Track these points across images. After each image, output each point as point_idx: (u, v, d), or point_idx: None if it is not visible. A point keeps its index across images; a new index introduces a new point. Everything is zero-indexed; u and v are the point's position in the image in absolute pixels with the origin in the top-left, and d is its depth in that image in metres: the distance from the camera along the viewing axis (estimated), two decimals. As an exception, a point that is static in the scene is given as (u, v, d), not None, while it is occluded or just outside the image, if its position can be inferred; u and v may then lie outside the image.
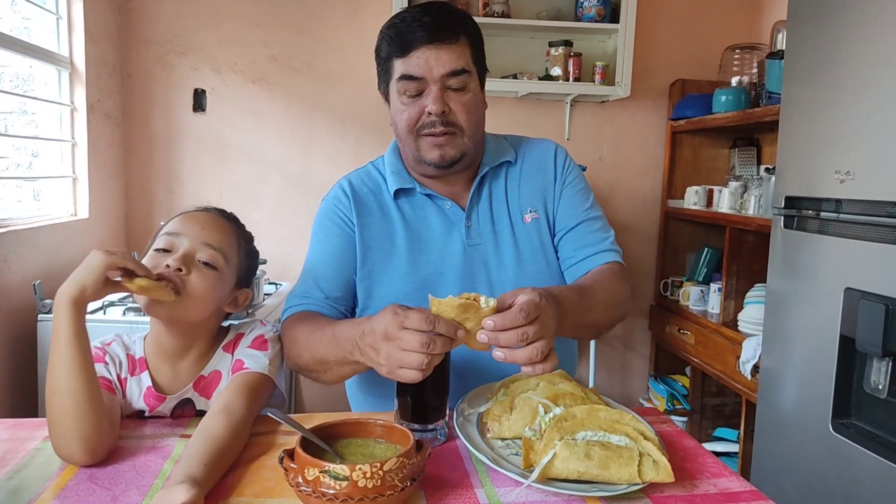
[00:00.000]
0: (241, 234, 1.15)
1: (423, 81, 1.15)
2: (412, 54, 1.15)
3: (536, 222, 1.29)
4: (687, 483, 0.88)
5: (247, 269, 1.16)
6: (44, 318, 1.97)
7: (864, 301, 1.47)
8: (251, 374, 1.05)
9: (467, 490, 0.85)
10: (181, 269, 1.01)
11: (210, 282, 1.04)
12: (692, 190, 2.78)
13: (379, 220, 1.27)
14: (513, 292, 0.91)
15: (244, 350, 1.11)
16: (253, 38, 2.77)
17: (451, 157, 1.19)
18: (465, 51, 1.18)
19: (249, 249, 1.17)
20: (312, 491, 0.75)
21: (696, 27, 3.02)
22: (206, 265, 1.04)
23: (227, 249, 1.08)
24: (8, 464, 0.89)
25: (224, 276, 1.07)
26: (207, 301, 1.05)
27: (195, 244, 1.05)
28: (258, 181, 2.85)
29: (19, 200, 2.38)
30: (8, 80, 2.30)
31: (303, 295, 1.23)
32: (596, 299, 1.12)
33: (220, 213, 1.15)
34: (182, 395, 1.09)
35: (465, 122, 1.18)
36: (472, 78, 1.19)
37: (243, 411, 0.97)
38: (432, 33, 1.14)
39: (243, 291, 1.14)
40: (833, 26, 1.61)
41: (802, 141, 1.71)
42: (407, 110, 1.18)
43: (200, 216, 1.10)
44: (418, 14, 1.16)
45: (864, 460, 1.48)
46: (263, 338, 1.13)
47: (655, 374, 3.09)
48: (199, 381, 1.10)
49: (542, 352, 0.87)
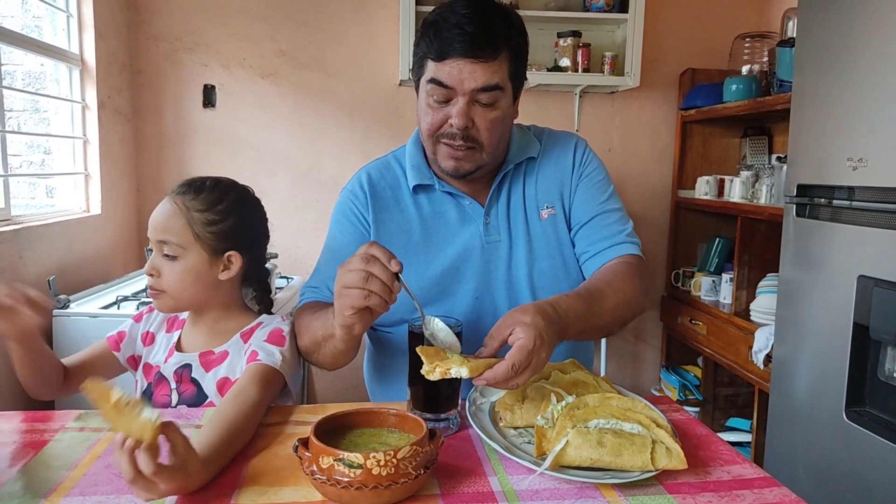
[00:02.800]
0: (190, 207, 1.15)
1: (451, 91, 1.12)
2: (446, 62, 1.10)
3: (553, 218, 1.27)
4: (700, 470, 0.88)
5: (219, 234, 1.15)
6: (58, 312, 1.98)
7: (878, 288, 1.46)
8: (265, 366, 1.07)
9: (480, 478, 0.85)
10: (152, 275, 1.13)
11: (175, 272, 1.13)
12: (703, 180, 2.76)
13: (395, 215, 1.26)
14: (511, 318, 0.92)
15: (260, 342, 1.13)
16: (261, 33, 2.78)
17: (465, 170, 1.18)
18: (503, 66, 1.12)
19: (213, 217, 1.15)
20: (327, 479, 0.76)
21: (705, 16, 2.99)
22: (168, 258, 1.13)
23: (177, 235, 1.13)
24: (27, 454, 0.90)
25: (187, 259, 1.13)
26: (185, 288, 1.14)
27: (156, 244, 1.15)
28: (268, 176, 2.86)
29: (33, 197, 2.40)
30: (20, 78, 2.32)
31: (313, 289, 1.25)
32: (606, 305, 1.09)
33: (177, 193, 1.16)
34: (186, 359, 1.17)
35: (486, 140, 1.15)
36: (504, 94, 1.14)
37: (255, 398, 0.99)
38: (471, 47, 1.08)
39: (231, 254, 1.17)
40: (844, 13, 1.59)
41: (814, 128, 1.69)
42: (431, 114, 1.15)
43: (155, 212, 1.16)
44: (462, 20, 1.09)
45: (878, 448, 1.47)
46: (281, 333, 1.15)
47: (667, 364, 3.08)
48: (206, 354, 1.16)
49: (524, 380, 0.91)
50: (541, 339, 0.89)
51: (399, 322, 1.24)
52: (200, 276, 1.14)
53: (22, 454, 0.90)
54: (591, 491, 0.82)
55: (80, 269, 2.27)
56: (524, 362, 0.88)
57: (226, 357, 1.15)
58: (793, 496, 0.81)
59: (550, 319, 0.94)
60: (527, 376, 0.90)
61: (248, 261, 1.20)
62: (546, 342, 0.90)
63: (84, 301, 2.09)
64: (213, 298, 1.18)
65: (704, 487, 0.83)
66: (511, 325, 0.91)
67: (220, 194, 1.18)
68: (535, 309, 0.93)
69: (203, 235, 1.14)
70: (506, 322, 0.92)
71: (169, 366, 1.17)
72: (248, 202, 1.23)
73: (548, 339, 0.91)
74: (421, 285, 1.22)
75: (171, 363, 1.18)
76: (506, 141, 1.24)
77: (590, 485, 0.83)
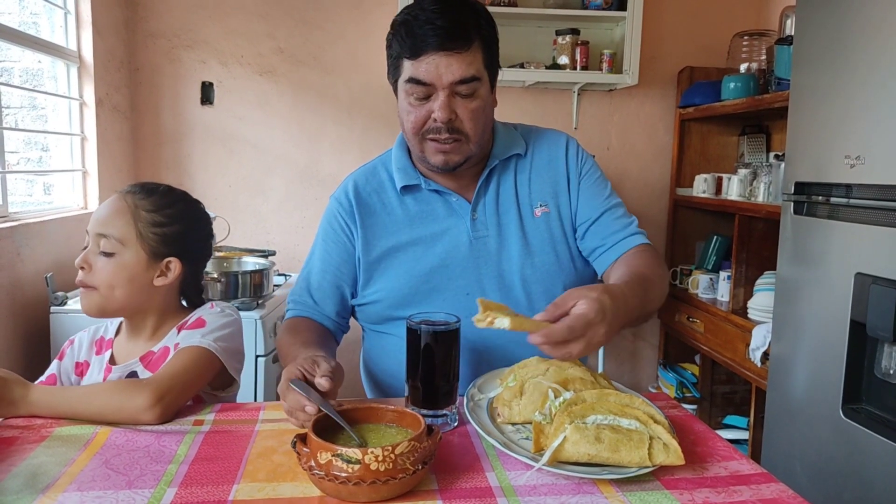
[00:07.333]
0: (139, 206, 1.15)
1: (431, 87, 1.13)
2: (422, 59, 1.12)
3: (546, 216, 1.28)
4: (697, 466, 0.88)
5: (162, 238, 1.15)
6: (56, 310, 1.98)
7: (875, 286, 1.46)
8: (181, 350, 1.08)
9: (478, 474, 0.85)
10: (83, 268, 1.12)
11: (108, 268, 1.12)
12: (701, 178, 2.77)
13: (382, 218, 1.28)
14: (578, 292, 0.92)
15: (183, 333, 1.14)
16: (259, 30, 2.78)
17: (455, 162, 1.20)
18: (477, 56, 1.15)
19: (159, 219, 1.15)
20: (325, 474, 0.76)
21: (703, 14, 2.99)
22: (104, 254, 1.11)
23: (119, 230, 1.12)
24: (26, 451, 0.90)
25: (123, 257, 1.12)
26: (115, 286, 1.12)
27: (94, 237, 1.13)
28: (266, 173, 2.86)
29: (30, 194, 2.40)
30: (17, 75, 2.32)
31: (298, 299, 1.30)
32: (656, 291, 1.13)
33: (127, 191, 1.16)
34: (128, 368, 1.15)
35: (471, 130, 1.17)
36: (481, 84, 1.16)
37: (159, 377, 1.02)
38: (444, 40, 1.10)
39: (170, 261, 1.16)
40: (842, 11, 1.59)
41: (812, 126, 1.70)
42: (414, 112, 1.17)
43: (100, 206, 1.16)
44: (432, 15, 1.11)
45: (874, 445, 1.47)
46: (201, 319, 1.16)
47: (665, 362, 3.09)
48: (147, 356, 1.16)
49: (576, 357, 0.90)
50: (602, 314, 0.90)
51: (387, 319, 1.27)
52: (134, 277, 1.13)
53: (19, 450, 0.90)
54: (589, 486, 0.82)
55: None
56: (580, 330, 0.88)
57: (167, 353, 1.14)
58: (790, 492, 0.82)
59: (616, 300, 0.94)
60: (579, 348, 0.89)
61: (187, 271, 1.20)
62: (607, 319, 0.91)
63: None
64: (145, 304, 1.17)
65: (702, 483, 0.83)
66: (577, 297, 0.91)
67: (171, 200, 1.19)
68: (603, 288, 0.94)
69: (146, 235, 1.14)
70: (572, 294, 0.92)
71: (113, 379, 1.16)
72: (197, 214, 1.24)
73: (609, 316, 0.91)
74: (410, 283, 1.24)
75: (113, 376, 1.16)
76: (489, 130, 1.26)
77: (587, 480, 0.83)
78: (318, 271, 1.29)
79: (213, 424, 1.00)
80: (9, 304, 1.92)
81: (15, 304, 1.95)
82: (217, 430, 0.98)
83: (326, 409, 0.87)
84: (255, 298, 2.12)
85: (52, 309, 1.99)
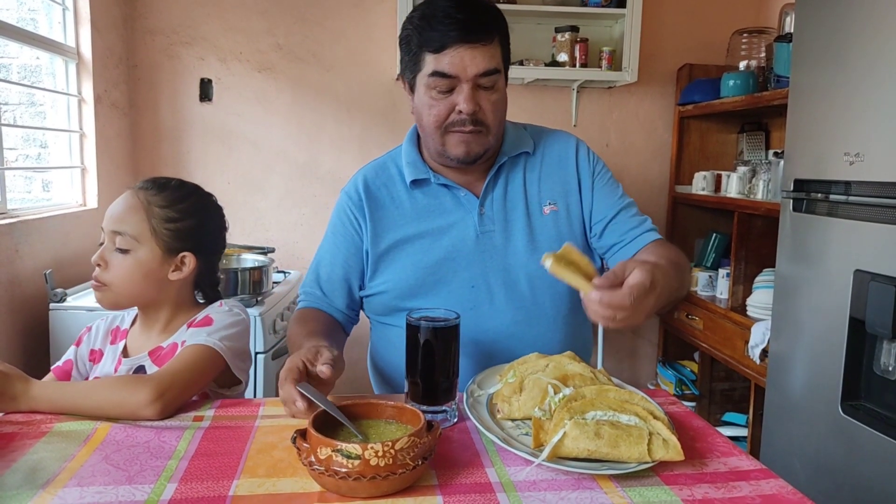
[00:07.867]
0: (152, 202, 1.15)
1: (454, 79, 1.15)
2: (446, 52, 1.14)
3: (555, 215, 1.30)
4: (697, 462, 0.88)
5: (176, 233, 1.16)
6: (55, 306, 1.98)
7: (874, 283, 1.46)
8: (186, 347, 1.09)
9: (478, 469, 0.85)
10: (99, 266, 1.13)
11: (125, 265, 1.13)
12: (700, 175, 2.77)
13: (391, 211, 1.29)
14: (632, 263, 0.94)
15: (190, 330, 1.14)
16: (258, 27, 2.77)
17: (475, 153, 1.22)
18: (497, 50, 1.18)
19: (172, 214, 1.16)
20: (325, 470, 0.76)
21: (703, 11, 2.99)
22: (120, 251, 1.13)
23: (134, 227, 1.13)
24: (25, 446, 0.90)
25: (138, 253, 1.13)
26: (131, 283, 1.13)
27: (109, 235, 1.14)
28: (265, 170, 2.85)
29: (29, 191, 2.39)
30: (16, 71, 2.31)
31: (308, 290, 1.34)
32: (687, 276, 1.21)
33: (139, 187, 1.17)
34: (137, 361, 1.16)
35: (492, 122, 1.20)
36: (501, 77, 1.19)
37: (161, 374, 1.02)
38: (468, 32, 1.13)
39: (185, 255, 1.17)
40: (841, 8, 1.59)
41: (811, 124, 1.70)
42: (436, 106, 1.18)
43: (114, 203, 1.16)
44: (451, 9, 1.14)
45: (873, 442, 1.48)
46: (209, 317, 1.16)
47: (664, 359, 3.09)
48: (156, 350, 1.17)
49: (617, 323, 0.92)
50: (653, 286, 0.92)
51: (393, 311, 1.28)
52: (149, 272, 1.14)
53: (19, 445, 0.90)
54: (588, 482, 0.82)
55: (77, 262, 2.26)
56: (639, 296, 0.90)
57: (176, 349, 1.14)
58: (789, 488, 0.82)
59: (664, 275, 0.98)
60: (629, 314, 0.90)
61: (202, 265, 1.21)
62: (655, 292, 0.93)
63: (80, 295, 2.09)
64: (159, 297, 1.18)
65: (701, 479, 0.84)
66: (632, 266, 0.93)
67: (184, 194, 1.19)
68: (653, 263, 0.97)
69: (160, 231, 1.15)
70: (628, 264, 0.94)
71: (120, 374, 1.17)
72: (210, 207, 1.24)
73: (658, 289, 0.93)
74: (417, 275, 1.25)
75: (121, 371, 1.17)
76: (503, 124, 1.28)
77: (587, 476, 0.83)
78: (328, 263, 1.32)
79: (213, 420, 1.00)
80: (8, 300, 1.92)
81: (14, 300, 1.95)
82: (217, 426, 0.98)
83: (327, 407, 0.87)
84: (254, 295, 2.12)
85: (52, 305, 1.99)
